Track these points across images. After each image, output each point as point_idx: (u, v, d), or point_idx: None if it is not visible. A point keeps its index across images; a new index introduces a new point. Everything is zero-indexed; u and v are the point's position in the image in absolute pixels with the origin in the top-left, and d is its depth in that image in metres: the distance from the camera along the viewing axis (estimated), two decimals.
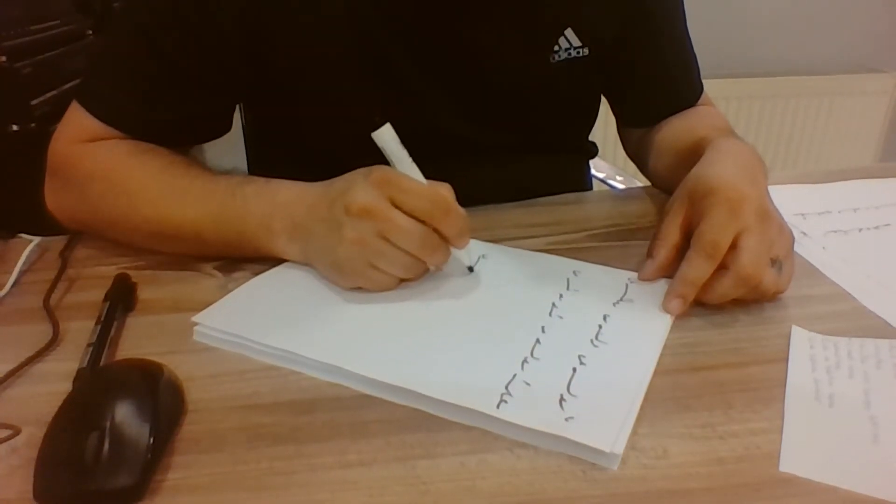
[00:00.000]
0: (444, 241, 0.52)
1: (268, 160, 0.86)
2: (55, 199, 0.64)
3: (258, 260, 0.59)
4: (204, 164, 0.63)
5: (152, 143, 0.63)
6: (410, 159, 0.52)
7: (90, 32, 1.40)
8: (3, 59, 1.13)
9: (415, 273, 0.53)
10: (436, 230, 0.51)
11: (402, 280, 0.54)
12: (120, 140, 0.63)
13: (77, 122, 0.63)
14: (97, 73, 0.65)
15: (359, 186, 0.51)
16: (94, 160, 0.62)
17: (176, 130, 0.65)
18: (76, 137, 0.63)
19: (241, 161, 1.00)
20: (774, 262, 0.52)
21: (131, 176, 0.60)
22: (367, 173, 0.51)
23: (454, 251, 0.54)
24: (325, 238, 0.53)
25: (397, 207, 0.50)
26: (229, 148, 1.02)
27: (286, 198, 0.56)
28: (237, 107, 0.73)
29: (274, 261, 0.58)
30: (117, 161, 0.61)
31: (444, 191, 0.52)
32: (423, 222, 0.50)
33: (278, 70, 0.66)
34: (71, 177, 0.63)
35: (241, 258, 0.59)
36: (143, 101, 0.63)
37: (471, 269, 0.56)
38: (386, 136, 0.51)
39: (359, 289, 0.53)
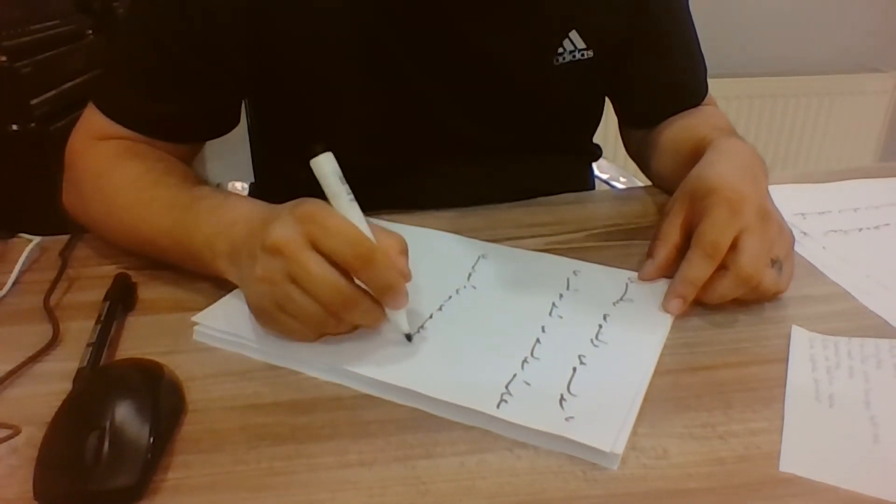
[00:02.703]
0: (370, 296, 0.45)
1: (272, 161, 0.87)
2: (66, 194, 0.65)
3: None
4: (186, 173, 0.63)
5: (159, 140, 0.64)
6: (351, 196, 0.45)
7: (90, 32, 1.41)
8: (3, 59, 1.14)
9: (330, 329, 0.46)
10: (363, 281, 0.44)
11: (325, 334, 0.47)
12: (119, 141, 0.63)
13: (89, 120, 0.65)
14: (106, 71, 0.67)
15: (281, 219, 0.45)
16: (92, 160, 0.63)
17: (181, 126, 0.65)
18: (87, 135, 0.64)
19: (245, 161, 1.00)
20: (774, 263, 0.52)
21: (111, 181, 0.60)
22: (296, 205, 0.45)
23: (389, 312, 0.46)
24: (245, 269, 0.47)
25: (317, 248, 0.43)
26: (235, 148, 1.02)
27: (233, 217, 0.51)
28: (242, 107, 0.73)
29: None
30: (105, 164, 0.62)
31: (391, 241, 0.46)
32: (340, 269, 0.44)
33: (281, 68, 0.66)
34: (73, 174, 0.64)
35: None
36: (147, 98, 0.64)
37: (409, 337, 0.47)
38: (324, 167, 0.45)
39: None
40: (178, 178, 0.60)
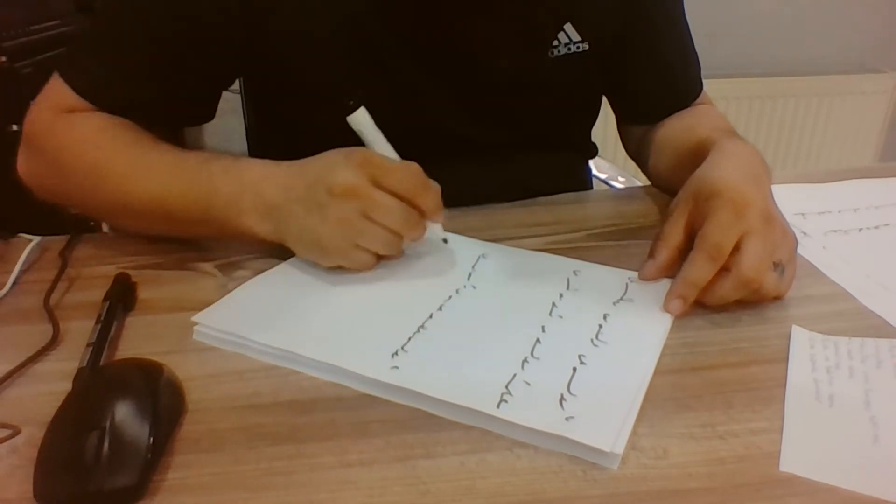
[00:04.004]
0: (421, 215, 0.55)
1: (268, 154, 0.86)
2: (27, 167, 0.64)
3: (259, 259, 0.59)
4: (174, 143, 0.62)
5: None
6: (385, 139, 0.56)
7: None
8: (3, 59, 1.13)
9: (395, 249, 0.56)
10: (414, 206, 0.54)
11: (381, 258, 0.56)
12: (94, 112, 0.62)
13: (56, 93, 0.63)
14: (81, 46, 0.65)
15: (341, 168, 0.52)
16: (69, 130, 0.61)
17: (154, 111, 0.63)
18: (53, 107, 0.63)
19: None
20: (776, 266, 0.52)
21: (101, 148, 0.60)
22: (348, 154, 0.53)
23: (429, 226, 0.57)
24: (304, 218, 0.53)
25: (378, 187, 0.52)
26: (234, 148, 1.02)
27: (254, 177, 0.56)
28: (240, 104, 0.73)
29: (273, 258, 0.58)
30: (90, 133, 0.61)
31: (419, 168, 0.55)
32: (402, 199, 0.53)
33: (271, 65, 0.66)
34: (43, 146, 0.63)
35: (238, 250, 0.59)
36: (123, 79, 0.62)
37: (445, 241, 0.59)
38: (361, 120, 0.56)
39: (339, 268, 0.55)
40: (171, 144, 0.60)
